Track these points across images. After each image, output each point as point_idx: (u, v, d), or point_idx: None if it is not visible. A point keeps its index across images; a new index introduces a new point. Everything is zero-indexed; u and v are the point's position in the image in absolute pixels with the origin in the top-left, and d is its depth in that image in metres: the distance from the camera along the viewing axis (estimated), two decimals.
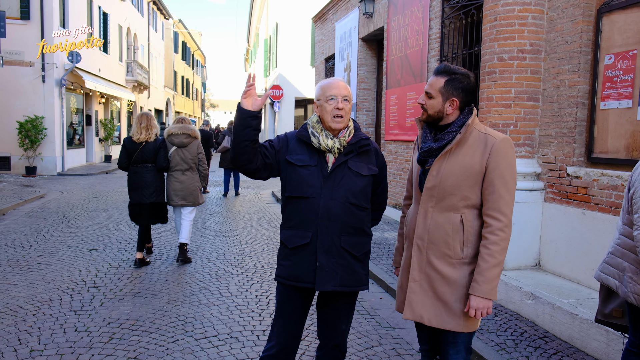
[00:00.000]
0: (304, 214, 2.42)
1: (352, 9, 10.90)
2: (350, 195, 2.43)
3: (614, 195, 4.09)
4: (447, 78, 2.25)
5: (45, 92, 15.69)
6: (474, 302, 2.16)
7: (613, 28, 4.31)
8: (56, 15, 15.76)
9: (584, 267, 4.34)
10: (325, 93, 2.45)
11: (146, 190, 5.61)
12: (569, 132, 4.61)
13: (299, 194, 2.42)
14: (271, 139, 2.58)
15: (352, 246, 2.45)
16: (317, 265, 2.40)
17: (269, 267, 5.79)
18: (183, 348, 3.63)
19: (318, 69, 14.15)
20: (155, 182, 5.65)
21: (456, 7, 6.71)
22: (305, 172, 2.42)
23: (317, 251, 2.40)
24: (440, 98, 2.26)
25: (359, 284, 2.51)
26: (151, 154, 5.61)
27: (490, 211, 2.19)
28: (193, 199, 5.85)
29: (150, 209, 5.69)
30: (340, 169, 2.44)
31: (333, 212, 2.39)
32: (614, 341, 3.37)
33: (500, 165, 2.18)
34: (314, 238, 2.40)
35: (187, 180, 5.82)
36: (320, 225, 2.39)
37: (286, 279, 2.47)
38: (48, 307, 4.37)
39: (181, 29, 40.93)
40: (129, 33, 25.74)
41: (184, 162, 5.80)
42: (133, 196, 5.68)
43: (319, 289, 2.41)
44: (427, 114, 2.32)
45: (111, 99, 22.38)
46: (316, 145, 2.43)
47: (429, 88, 2.29)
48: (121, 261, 5.88)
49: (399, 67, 8.42)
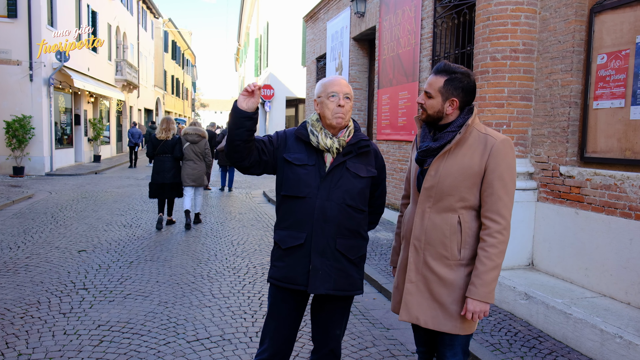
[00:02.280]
0: (299, 214, 2.37)
1: (343, 8, 10.87)
2: (348, 197, 2.37)
3: (607, 194, 4.10)
4: (447, 77, 2.20)
5: (33, 91, 15.49)
6: (470, 305, 2.13)
7: (605, 28, 4.32)
8: (44, 13, 15.57)
9: (577, 266, 4.35)
10: (326, 90, 2.39)
11: (167, 173, 7.67)
12: (562, 132, 4.61)
13: (294, 193, 2.37)
14: (271, 134, 2.52)
15: (347, 249, 2.39)
16: (310, 267, 2.34)
17: (261, 268, 5.74)
18: (175, 351, 3.58)
19: (309, 68, 14.11)
20: (173, 168, 7.72)
21: (448, 6, 6.70)
22: (302, 172, 2.37)
23: (311, 253, 2.34)
24: (440, 98, 2.22)
25: (353, 288, 2.45)
26: (170, 148, 7.68)
27: (488, 213, 2.16)
28: (200, 181, 7.97)
29: (170, 187, 7.73)
30: (338, 169, 2.38)
31: (329, 213, 2.34)
32: (608, 341, 3.36)
33: (499, 166, 2.14)
34: (309, 239, 2.35)
35: (197, 168, 7.85)
36: (315, 226, 2.34)
37: (279, 280, 2.41)
38: (36, 309, 4.29)
39: (171, 28, 40.68)
40: (118, 32, 25.53)
41: (194, 154, 7.83)
42: (156, 178, 7.69)
43: (312, 291, 2.35)
44: (426, 114, 2.28)
45: (100, 99, 22.17)
46: (315, 144, 2.38)
47: (428, 87, 2.25)
48: (111, 262, 5.80)
49: (391, 67, 8.40)
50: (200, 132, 7.91)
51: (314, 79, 13.62)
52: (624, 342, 3.25)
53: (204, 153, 7.95)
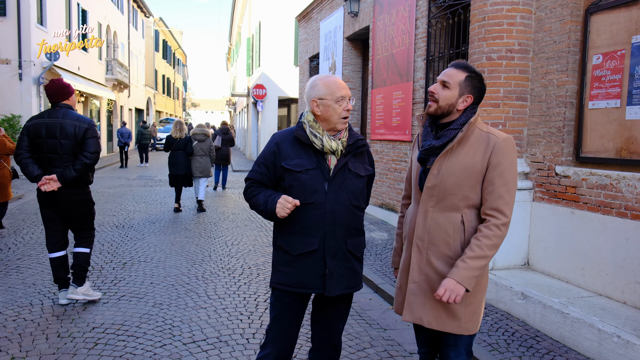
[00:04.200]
0: (309, 219, 2.34)
1: (337, 8, 10.86)
2: (352, 197, 2.39)
3: (603, 194, 4.12)
4: (468, 74, 2.21)
5: (22, 90, 15.33)
6: (447, 283, 2.09)
7: (601, 28, 4.34)
8: (33, 11, 15.41)
9: (573, 266, 4.36)
10: (334, 93, 2.34)
11: (180, 166, 9.28)
12: (558, 132, 4.63)
13: (302, 200, 2.33)
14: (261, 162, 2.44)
15: (355, 248, 2.45)
16: (326, 271, 2.35)
17: (255, 269, 5.70)
18: (171, 353, 3.53)
19: (302, 68, 14.08)
20: (184, 162, 9.33)
21: (443, 6, 6.70)
22: (305, 177, 2.33)
23: (325, 256, 2.35)
24: (457, 91, 2.20)
25: (359, 284, 2.53)
26: (182, 145, 9.33)
27: (488, 210, 2.15)
28: (207, 173, 9.68)
29: (183, 177, 9.38)
30: (341, 171, 2.38)
31: (339, 216, 2.35)
32: (605, 340, 3.37)
33: (501, 164, 2.14)
34: (322, 244, 2.34)
35: (203, 162, 9.62)
36: (327, 230, 2.34)
37: (289, 286, 2.39)
38: (29, 312, 4.22)
39: (162, 27, 40.44)
40: (109, 31, 25.32)
41: (202, 150, 9.62)
42: (172, 170, 9.33)
43: (329, 294, 2.36)
44: (436, 105, 2.23)
45: (90, 98, 21.97)
46: (319, 147, 2.34)
47: (446, 78, 2.21)
48: (104, 264, 5.73)
49: (385, 67, 8.40)
50: (206, 133, 9.81)
51: (306, 79, 13.58)
52: (621, 342, 3.26)
53: (209, 149, 9.76)
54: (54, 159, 4.23)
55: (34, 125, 4.27)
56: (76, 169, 4.18)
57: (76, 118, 4.31)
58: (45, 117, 4.30)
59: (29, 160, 4.29)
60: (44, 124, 4.24)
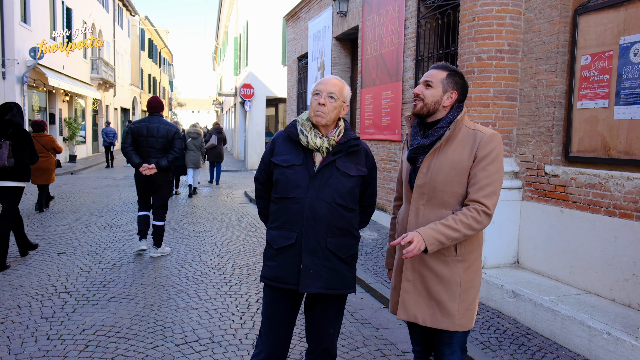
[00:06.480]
0: (289, 214, 2.38)
1: (325, 7, 10.85)
2: (337, 196, 2.38)
3: (592, 193, 4.17)
4: (449, 72, 2.28)
5: (5, 89, 15.07)
6: (412, 235, 2.06)
7: (589, 29, 4.39)
8: (17, 9, 15.17)
9: (563, 264, 4.41)
10: (314, 88, 2.44)
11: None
12: (547, 132, 4.68)
13: (284, 194, 2.39)
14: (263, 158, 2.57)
15: (338, 248, 2.40)
16: (301, 266, 2.35)
17: (246, 269, 5.68)
18: (164, 355, 3.50)
19: (290, 67, 14.05)
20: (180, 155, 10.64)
21: (432, 6, 6.74)
22: (290, 172, 2.39)
23: (302, 252, 2.35)
24: (441, 88, 2.26)
25: (345, 287, 2.46)
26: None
27: (470, 202, 2.15)
28: (198, 164, 11.73)
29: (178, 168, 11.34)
30: (327, 168, 2.39)
31: (319, 212, 2.34)
32: (596, 337, 3.42)
33: (485, 158, 2.16)
34: (299, 239, 2.36)
35: (195, 156, 11.67)
36: (305, 225, 2.35)
37: (271, 280, 2.43)
38: (17, 314, 4.16)
39: (147, 26, 40.09)
40: (94, 29, 25.02)
41: (194, 146, 11.61)
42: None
43: (303, 290, 2.35)
44: (422, 103, 2.27)
45: (75, 97, 21.72)
46: (304, 144, 2.39)
47: (429, 77, 2.28)
48: (92, 265, 5.67)
49: (374, 67, 8.42)
50: (198, 132, 11.79)
51: (295, 79, 13.57)
52: (612, 338, 3.31)
53: (200, 145, 11.75)
54: (150, 152, 5.85)
55: (137, 127, 5.88)
56: (169, 160, 5.89)
57: (168, 124, 5.99)
58: (146, 122, 5.91)
59: (132, 152, 5.86)
60: (145, 126, 5.86)
